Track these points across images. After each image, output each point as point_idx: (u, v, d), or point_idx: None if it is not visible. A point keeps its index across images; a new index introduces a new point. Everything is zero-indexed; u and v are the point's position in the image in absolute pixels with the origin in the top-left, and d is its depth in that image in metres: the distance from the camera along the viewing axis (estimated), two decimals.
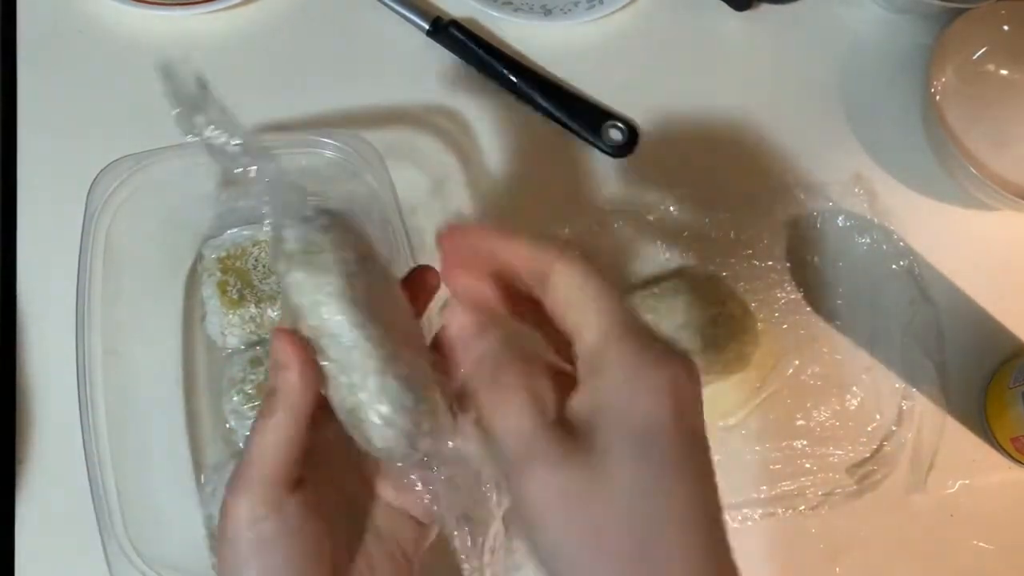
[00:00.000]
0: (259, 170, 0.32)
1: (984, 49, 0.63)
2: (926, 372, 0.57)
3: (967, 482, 0.57)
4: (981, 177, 0.57)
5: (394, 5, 0.62)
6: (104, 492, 0.43)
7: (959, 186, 0.60)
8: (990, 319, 0.60)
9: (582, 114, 0.61)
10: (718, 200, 0.60)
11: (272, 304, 0.53)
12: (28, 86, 0.59)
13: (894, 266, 0.59)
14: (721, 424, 0.56)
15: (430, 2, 0.64)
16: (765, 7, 0.65)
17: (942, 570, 0.56)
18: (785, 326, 0.58)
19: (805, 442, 0.56)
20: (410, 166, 0.59)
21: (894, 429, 0.57)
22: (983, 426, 0.57)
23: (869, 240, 0.60)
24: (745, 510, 0.54)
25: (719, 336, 0.53)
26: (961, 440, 0.57)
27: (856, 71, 0.65)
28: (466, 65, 0.62)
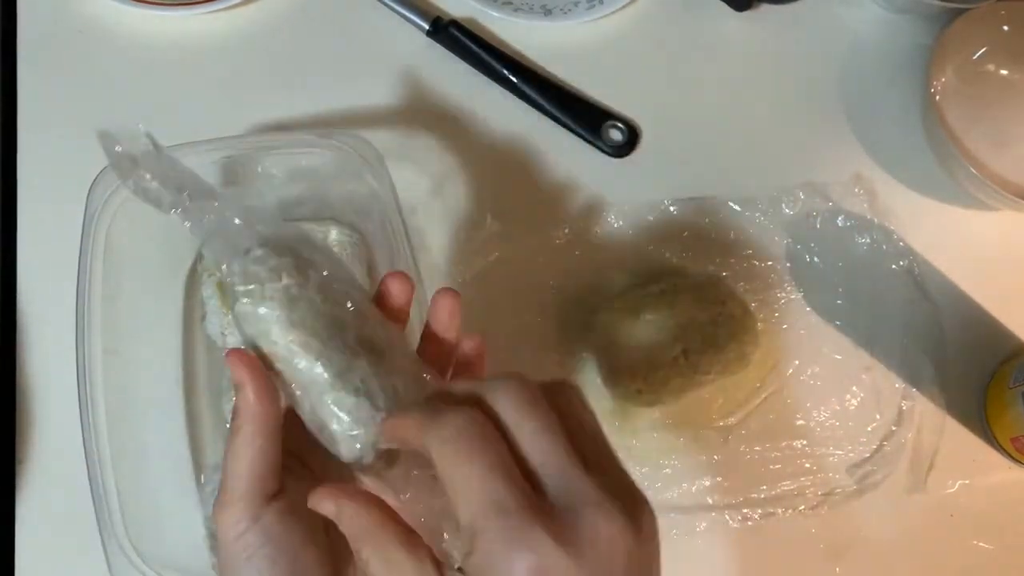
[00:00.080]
0: (201, 209, 0.34)
1: (984, 49, 0.63)
2: (926, 372, 0.58)
3: (967, 482, 0.57)
4: (981, 177, 0.57)
5: (394, 5, 0.62)
6: (104, 492, 0.43)
7: (959, 186, 0.60)
8: (990, 319, 0.60)
9: (582, 114, 0.61)
10: (718, 200, 0.60)
11: None
12: (28, 86, 0.59)
13: (894, 266, 0.59)
14: (721, 424, 0.56)
15: (430, 2, 0.64)
16: (765, 7, 0.65)
17: (942, 570, 0.56)
18: (785, 326, 0.58)
19: (805, 442, 0.56)
20: (410, 166, 0.59)
21: (894, 429, 0.57)
22: (983, 426, 0.57)
23: (869, 240, 0.60)
24: (745, 510, 0.53)
25: (719, 336, 0.53)
26: (961, 440, 0.57)
27: (856, 71, 0.65)
28: (466, 65, 0.62)
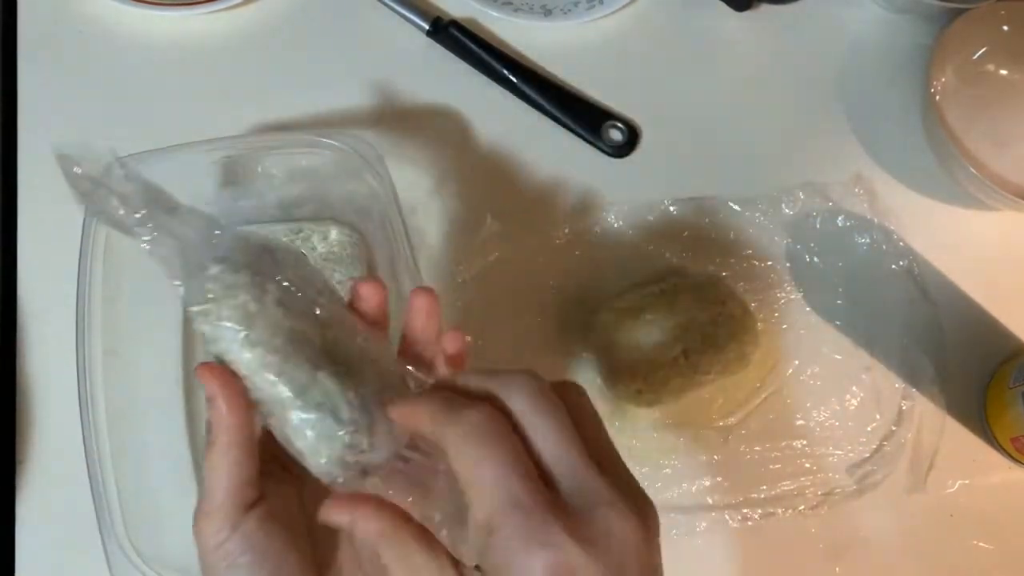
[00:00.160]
0: (160, 229, 0.33)
1: (984, 49, 0.63)
2: (926, 372, 0.57)
3: (967, 482, 0.57)
4: (981, 177, 0.57)
5: (394, 5, 0.62)
6: (104, 492, 0.43)
7: (959, 186, 0.60)
8: (990, 319, 0.60)
9: (582, 114, 0.61)
10: (718, 200, 0.60)
11: None
12: (28, 86, 0.59)
13: (894, 266, 0.59)
14: (721, 424, 0.56)
15: (430, 2, 0.64)
16: (765, 7, 0.65)
17: (942, 570, 0.56)
18: (785, 326, 0.58)
19: (805, 442, 0.56)
20: (410, 166, 0.59)
21: (894, 429, 0.57)
22: (983, 426, 0.57)
23: (869, 240, 0.60)
24: (745, 510, 0.53)
25: (719, 336, 0.53)
26: (961, 440, 0.57)
27: (856, 71, 0.65)
28: (466, 65, 0.62)
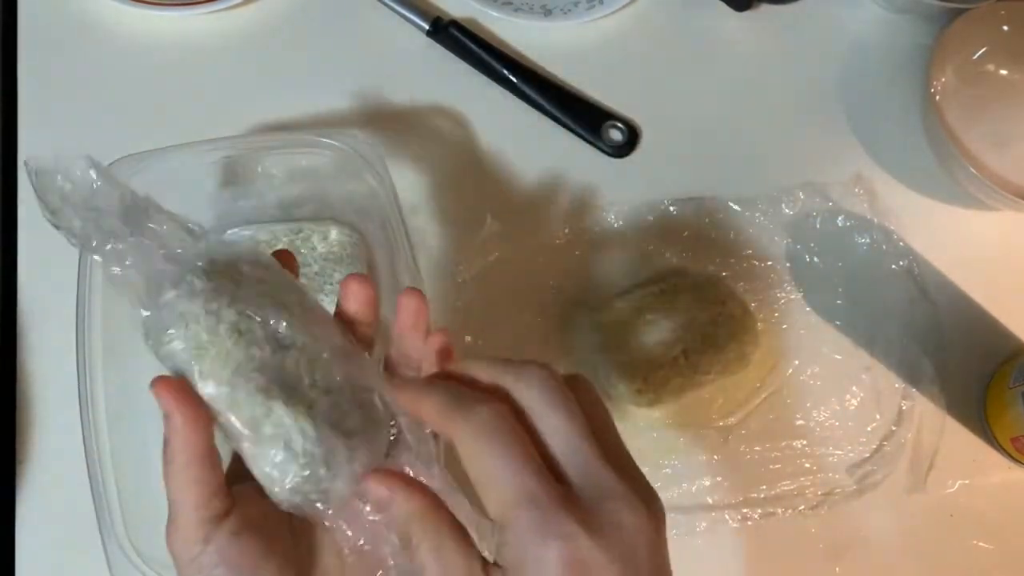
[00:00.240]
0: (131, 246, 0.33)
1: (984, 49, 0.63)
2: (926, 372, 0.57)
3: (967, 482, 0.57)
4: (981, 177, 0.57)
5: (394, 5, 0.62)
6: (104, 492, 0.43)
7: (959, 186, 0.60)
8: (990, 319, 0.60)
9: (582, 114, 0.61)
10: (718, 200, 0.60)
11: None
12: (28, 86, 0.59)
13: (894, 266, 0.59)
14: (721, 424, 0.56)
15: (430, 2, 0.64)
16: (765, 7, 0.65)
17: (942, 570, 0.56)
18: (785, 326, 0.58)
19: (805, 442, 0.56)
20: (410, 166, 0.59)
21: (894, 429, 0.57)
22: (983, 426, 0.57)
23: (869, 240, 0.60)
24: (745, 510, 0.53)
25: (719, 336, 0.54)
26: (961, 440, 0.57)
27: (856, 71, 0.65)
28: (466, 65, 0.62)
